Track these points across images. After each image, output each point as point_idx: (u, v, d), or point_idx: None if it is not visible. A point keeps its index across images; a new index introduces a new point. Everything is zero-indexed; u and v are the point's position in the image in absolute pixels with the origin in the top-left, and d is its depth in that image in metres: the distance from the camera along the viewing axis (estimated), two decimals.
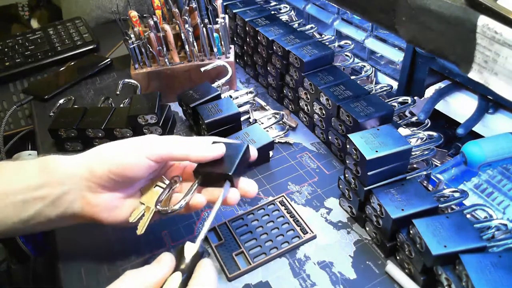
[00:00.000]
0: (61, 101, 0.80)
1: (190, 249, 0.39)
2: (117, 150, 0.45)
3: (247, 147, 0.48)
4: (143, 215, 0.46)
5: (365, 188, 0.48)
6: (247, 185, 0.47)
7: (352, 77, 0.64)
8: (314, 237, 0.51)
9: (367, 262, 0.49)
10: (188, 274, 0.38)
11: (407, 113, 0.63)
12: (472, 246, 0.41)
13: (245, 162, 0.48)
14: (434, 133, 0.54)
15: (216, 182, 0.46)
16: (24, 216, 0.43)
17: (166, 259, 0.39)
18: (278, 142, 0.66)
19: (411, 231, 0.44)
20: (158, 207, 0.45)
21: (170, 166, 0.51)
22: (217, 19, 0.72)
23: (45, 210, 0.43)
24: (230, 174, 0.44)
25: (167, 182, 0.48)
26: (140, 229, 0.45)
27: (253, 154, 0.50)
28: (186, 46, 0.71)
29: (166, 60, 0.72)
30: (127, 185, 0.47)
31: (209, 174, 0.46)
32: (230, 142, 0.49)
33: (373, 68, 0.71)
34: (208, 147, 0.46)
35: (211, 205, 0.44)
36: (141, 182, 0.48)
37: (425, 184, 0.54)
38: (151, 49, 0.71)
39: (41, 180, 0.43)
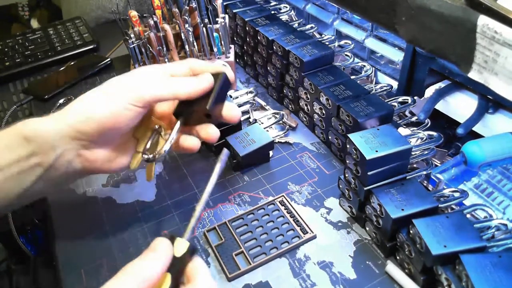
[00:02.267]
0: (61, 101, 0.80)
1: (181, 245, 0.36)
2: (100, 103, 0.43)
3: (225, 76, 0.47)
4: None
5: (365, 188, 0.48)
6: (230, 111, 0.47)
7: (352, 77, 0.64)
8: (314, 237, 0.51)
9: (367, 262, 0.49)
10: (176, 275, 0.35)
11: (407, 113, 0.63)
12: (472, 246, 0.41)
13: (226, 89, 0.48)
14: (434, 133, 0.54)
15: (199, 119, 0.46)
16: (25, 185, 0.42)
17: (163, 248, 0.35)
18: (278, 142, 0.66)
19: (411, 231, 0.44)
20: (144, 156, 0.44)
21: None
22: (217, 19, 0.72)
23: (46, 174, 0.42)
24: (207, 108, 0.44)
25: (159, 124, 0.47)
26: (149, 177, 0.47)
27: (231, 76, 0.48)
28: (186, 46, 0.71)
29: (166, 60, 0.72)
30: (120, 135, 0.45)
31: (189, 113, 0.45)
32: (208, 66, 0.47)
33: (373, 68, 0.71)
34: (196, 81, 0.44)
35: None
36: (134, 127, 0.47)
37: (425, 184, 0.54)
38: (151, 49, 0.71)
39: (30, 149, 0.41)
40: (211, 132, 0.47)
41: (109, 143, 0.45)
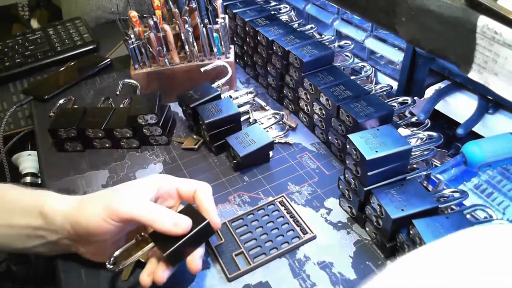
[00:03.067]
0: (61, 101, 0.80)
1: None
2: (87, 210, 0.45)
3: (207, 224, 0.45)
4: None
5: (365, 189, 0.48)
6: (193, 260, 0.45)
7: (352, 77, 0.64)
8: (314, 238, 0.51)
9: (367, 263, 0.49)
10: None
11: (407, 113, 0.63)
12: None
13: (202, 238, 0.46)
14: (434, 133, 0.54)
15: (161, 250, 0.44)
16: (28, 245, 0.48)
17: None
18: (278, 142, 0.66)
19: (411, 231, 0.44)
20: (107, 264, 0.44)
21: None
22: (217, 19, 0.72)
23: (47, 245, 0.48)
24: (164, 254, 0.43)
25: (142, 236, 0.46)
26: (124, 277, 0.49)
27: (215, 225, 0.47)
28: (186, 46, 0.71)
29: (166, 60, 0.72)
30: (106, 240, 0.46)
31: (160, 239, 0.44)
32: (198, 213, 0.47)
33: (373, 68, 0.71)
34: (172, 223, 0.44)
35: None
36: (124, 232, 0.47)
37: (425, 185, 0.54)
38: (151, 49, 0.71)
39: (40, 223, 0.46)
40: (158, 274, 0.44)
41: (96, 244, 0.47)
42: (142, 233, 0.46)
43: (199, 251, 0.45)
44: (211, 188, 0.50)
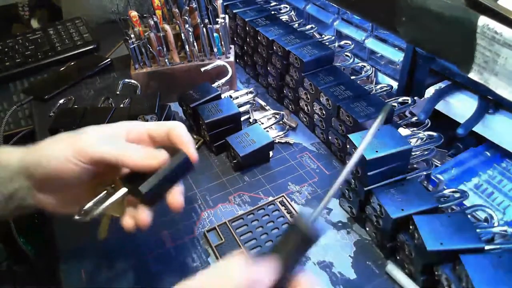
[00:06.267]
0: (61, 101, 0.80)
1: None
2: (49, 151, 0.41)
3: (186, 158, 0.42)
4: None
5: (365, 188, 0.48)
6: (173, 196, 0.42)
7: (352, 77, 0.64)
8: None
9: (367, 263, 0.49)
10: None
11: (407, 113, 0.63)
12: (470, 246, 0.41)
13: (182, 172, 0.42)
14: (434, 133, 0.54)
15: (136, 193, 0.40)
16: None
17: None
18: (278, 142, 0.66)
19: (410, 227, 0.44)
20: (76, 216, 0.41)
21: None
22: (217, 19, 0.72)
23: (3, 203, 0.42)
24: (142, 192, 0.39)
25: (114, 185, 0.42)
26: (101, 234, 0.43)
27: (193, 159, 0.43)
28: (186, 46, 0.71)
29: (166, 60, 0.72)
30: (69, 185, 0.42)
31: (134, 182, 0.40)
32: (176, 148, 0.43)
33: (373, 68, 0.71)
34: (145, 154, 0.40)
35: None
36: (88, 178, 0.42)
37: (425, 184, 0.54)
38: (151, 49, 0.71)
39: None
40: (141, 216, 0.41)
41: (60, 191, 0.43)
42: (113, 185, 0.42)
43: (178, 188, 0.42)
44: (184, 126, 0.45)
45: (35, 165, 0.41)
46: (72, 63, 0.92)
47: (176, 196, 0.42)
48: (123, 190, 0.40)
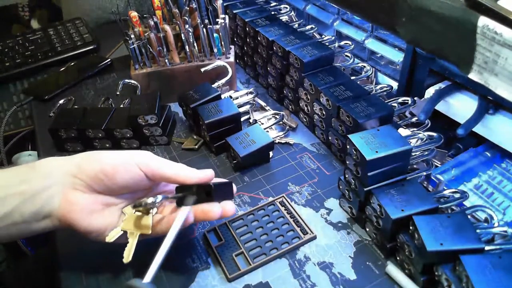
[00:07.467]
0: (61, 101, 0.80)
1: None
2: (109, 154, 0.45)
3: (229, 182, 0.49)
4: (123, 239, 0.45)
5: (365, 189, 0.48)
6: (225, 205, 0.47)
7: (352, 78, 0.64)
8: (314, 238, 0.51)
9: (367, 263, 0.49)
10: None
11: (407, 113, 0.63)
12: (470, 246, 0.41)
13: (227, 193, 0.49)
14: (434, 134, 0.54)
15: (200, 199, 0.46)
16: (0, 213, 0.42)
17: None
18: (278, 142, 0.66)
19: (411, 227, 0.44)
20: (107, 237, 0.45)
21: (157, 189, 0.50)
22: (217, 20, 0.72)
23: (21, 207, 0.42)
24: (211, 185, 0.45)
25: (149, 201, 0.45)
26: (127, 257, 0.44)
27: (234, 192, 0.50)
28: (186, 47, 0.71)
29: (166, 60, 0.72)
30: (113, 192, 0.45)
31: (190, 188, 0.46)
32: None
33: (373, 69, 0.71)
34: (198, 170, 0.46)
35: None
36: (126, 196, 0.47)
37: (425, 185, 0.54)
38: (151, 50, 0.72)
39: (24, 176, 0.43)
40: (228, 208, 0.47)
41: (99, 193, 0.45)
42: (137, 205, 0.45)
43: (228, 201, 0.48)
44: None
45: (92, 161, 0.44)
46: (72, 64, 0.92)
47: (227, 205, 0.47)
48: (192, 198, 0.45)
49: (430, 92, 0.62)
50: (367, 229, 0.51)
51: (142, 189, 0.48)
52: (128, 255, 0.44)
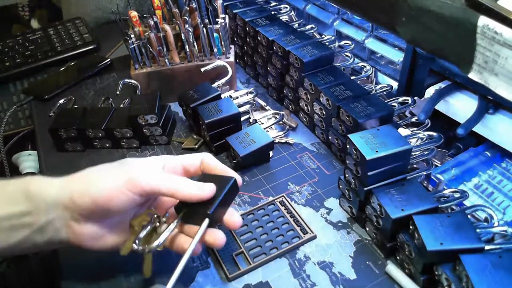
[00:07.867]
0: (61, 101, 0.80)
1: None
2: (99, 181, 0.43)
3: (234, 181, 0.46)
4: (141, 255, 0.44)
5: (365, 188, 0.48)
6: (231, 217, 0.46)
7: (352, 77, 0.64)
8: (314, 237, 0.51)
9: (367, 263, 0.49)
10: None
11: (407, 113, 0.63)
12: (470, 246, 0.41)
13: (231, 196, 0.47)
14: (434, 133, 0.54)
15: (197, 219, 0.44)
16: (12, 241, 0.42)
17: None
18: (278, 142, 0.66)
19: (411, 227, 0.44)
20: (134, 245, 0.42)
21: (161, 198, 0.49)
22: (217, 19, 0.72)
23: (32, 236, 0.42)
24: (209, 213, 0.43)
25: (156, 215, 0.45)
26: (147, 272, 0.44)
27: (240, 182, 0.48)
28: (186, 46, 0.71)
29: (166, 60, 0.72)
30: (111, 217, 0.44)
31: (190, 211, 0.44)
32: (218, 175, 0.47)
33: (373, 68, 0.71)
34: (197, 188, 0.44)
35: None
36: (128, 213, 0.45)
37: (425, 185, 0.54)
38: (151, 49, 0.72)
39: (26, 207, 0.42)
40: (217, 237, 0.44)
41: (100, 222, 0.44)
42: (156, 216, 0.44)
43: (232, 210, 0.46)
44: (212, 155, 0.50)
45: (82, 193, 0.42)
46: (72, 63, 0.92)
47: (234, 217, 0.46)
48: (178, 219, 0.44)
49: (430, 91, 0.62)
50: (367, 229, 0.51)
51: (144, 203, 0.47)
52: (147, 270, 0.44)
